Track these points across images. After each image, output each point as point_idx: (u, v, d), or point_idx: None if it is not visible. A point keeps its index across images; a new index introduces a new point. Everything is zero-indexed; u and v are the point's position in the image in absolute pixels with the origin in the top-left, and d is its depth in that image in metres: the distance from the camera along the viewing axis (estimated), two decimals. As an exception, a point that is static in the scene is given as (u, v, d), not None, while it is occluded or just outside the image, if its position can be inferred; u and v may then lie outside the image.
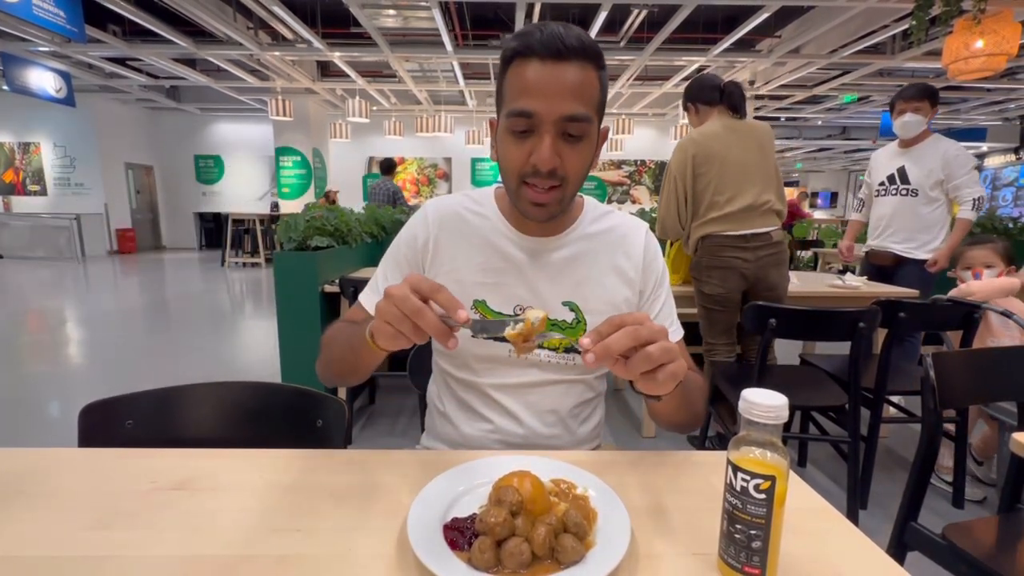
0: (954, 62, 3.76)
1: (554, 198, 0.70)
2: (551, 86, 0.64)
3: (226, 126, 11.38)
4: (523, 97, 0.65)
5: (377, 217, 3.05)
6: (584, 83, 0.65)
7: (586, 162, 0.70)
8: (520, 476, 0.52)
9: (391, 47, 6.24)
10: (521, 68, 0.65)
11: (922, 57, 6.09)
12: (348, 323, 0.82)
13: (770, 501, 0.42)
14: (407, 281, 0.52)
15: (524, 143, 0.67)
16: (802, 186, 16.55)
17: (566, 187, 0.70)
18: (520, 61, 0.65)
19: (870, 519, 1.71)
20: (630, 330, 0.50)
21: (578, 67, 0.64)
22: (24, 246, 9.21)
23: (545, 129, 0.66)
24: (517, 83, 0.66)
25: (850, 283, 2.26)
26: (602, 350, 0.50)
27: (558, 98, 0.64)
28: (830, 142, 12.50)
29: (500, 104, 0.71)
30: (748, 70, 7.27)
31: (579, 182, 0.72)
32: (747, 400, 0.43)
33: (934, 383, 0.93)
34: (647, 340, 0.50)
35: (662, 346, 0.50)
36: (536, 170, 0.67)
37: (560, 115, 0.65)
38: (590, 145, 0.70)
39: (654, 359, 0.50)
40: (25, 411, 2.61)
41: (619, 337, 0.50)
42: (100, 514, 0.53)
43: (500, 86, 0.70)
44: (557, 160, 0.67)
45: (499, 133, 0.72)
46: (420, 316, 0.51)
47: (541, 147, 0.66)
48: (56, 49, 6.29)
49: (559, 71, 0.64)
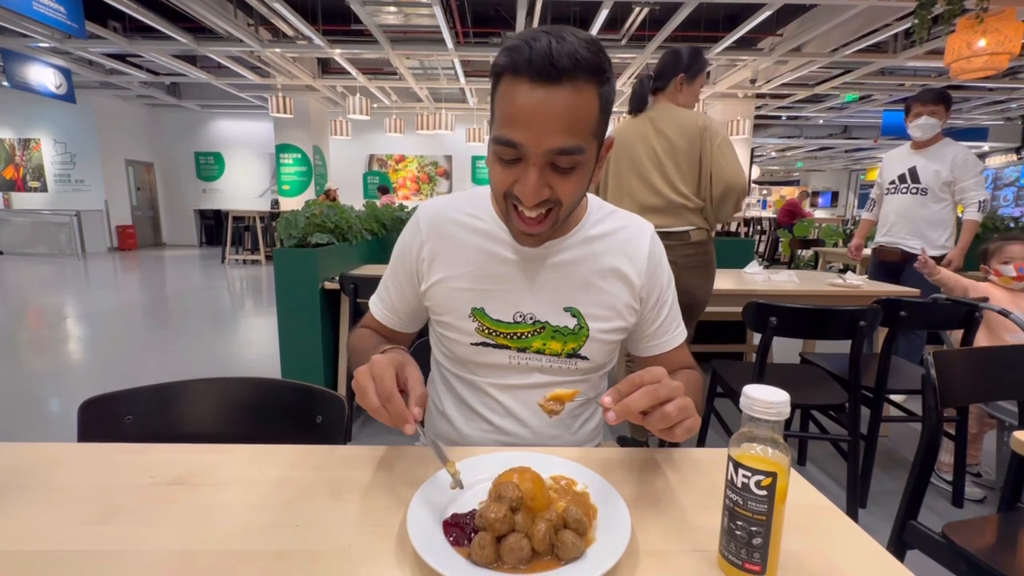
0: (956, 61, 3.75)
1: (546, 226, 0.67)
2: (539, 116, 0.58)
3: (226, 123, 11.37)
4: (509, 125, 0.59)
5: (377, 214, 3.05)
6: (579, 109, 0.58)
7: (581, 188, 0.66)
8: (520, 472, 0.52)
9: (392, 44, 6.23)
10: (510, 89, 0.59)
11: (924, 56, 6.07)
12: (369, 332, 0.83)
13: (771, 498, 0.42)
14: (365, 374, 0.57)
15: (510, 170, 0.63)
16: (803, 185, 16.55)
17: (559, 210, 0.66)
18: (509, 79, 0.59)
19: (869, 517, 1.71)
20: (649, 390, 0.52)
21: (571, 90, 0.57)
22: (24, 242, 9.20)
23: (532, 161, 0.60)
24: (505, 106, 0.60)
25: (851, 282, 2.25)
26: (622, 409, 0.52)
27: (546, 130, 0.58)
28: (831, 141, 12.49)
29: (492, 119, 0.65)
30: (749, 68, 7.25)
31: (575, 204, 0.68)
32: (748, 396, 0.43)
33: (935, 382, 0.93)
34: (665, 399, 0.52)
35: (679, 405, 0.52)
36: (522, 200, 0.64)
37: (548, 148, 0.59)
38: (584, 172, 0.64)
39: (671, 419, 0.52)
40: (25, 406, 2.61)
41: (638, 398, 0.52)
42: (98, 509, 0.53)
43: (492, 101, 0.64)
44: (546, 192, 0.63)
45: (488, 151, 0.66)
46: (378, 415, 0.55)
47: (526, 181, 0.61)
48: (56, 45, 6.28)
49: (549, 97, 0.57)
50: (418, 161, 11.39)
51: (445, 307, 0.77)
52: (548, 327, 0.76)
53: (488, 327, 0.76)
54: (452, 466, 0.55)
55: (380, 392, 0.55)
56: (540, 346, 0.76)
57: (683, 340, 0.83)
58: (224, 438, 0.74)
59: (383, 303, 0.84)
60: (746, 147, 9.26)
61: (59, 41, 6.13)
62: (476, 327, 0.76)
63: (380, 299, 0.85)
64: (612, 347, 0.80)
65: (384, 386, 0.55)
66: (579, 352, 0.77)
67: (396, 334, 0.86)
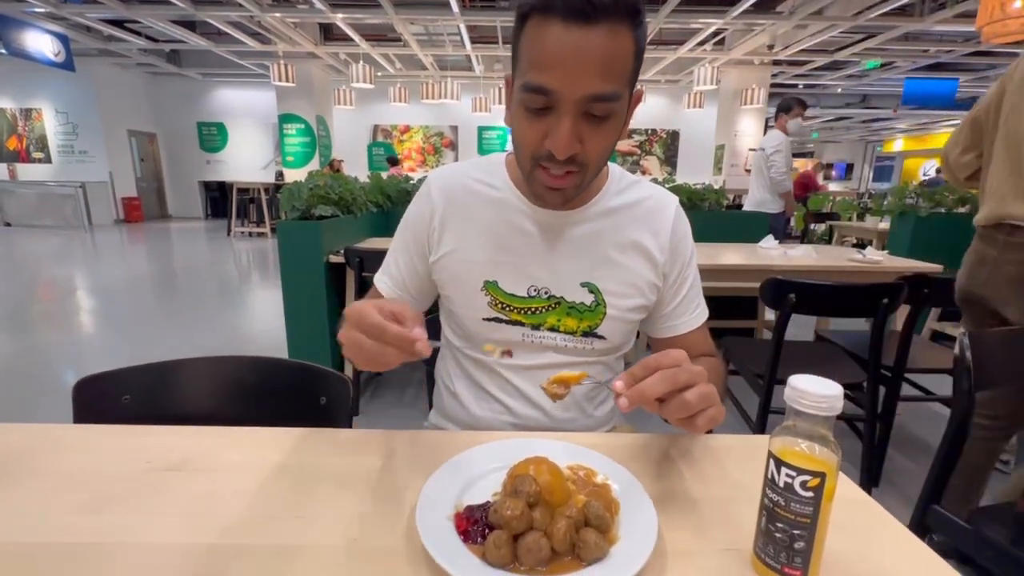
0: (989, 24, 3.55)
1: (572, 183, 0.62)
2: (574, 59, 0.53)
3: (229, 92, 11.16)
4: (540, 69, 0.55)
5: (382, 186, 2.98)
6: (615, 51, 0.54)
7: (611, 143, 0.61)
8: (537, 463, 0.48)
9: (396, 8, 6.00)
10: (540, 30, 0.54)
11: (953, 20, 5.77)
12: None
13: (818, 500, 0.38)
14: (354, 319, 0.49)
15: (540, 121, 0.58)
16: (816, 158, 16.15)
17: (586, 172, 0.62)
18: (538, 20, 0.54)
19: (882, 496, 1.69)
20: (667, 374, 0.46)
21: (608, 30, 0.53)
22: (31, 214, 9.19)
23: (565, 109, 0.56)
24: (534, 50, 0.55)
25: (871, 257, 2.18)
26: (636, 395, 0.46)
27: (582, 73, 0.54)
28: (849, 111, 12.09)
29: (515, 67, 0.60)
30: (767, 33, 6.94)
31: (601, 165, 0.64)
32: (795, 388, 0.39)
33: (970, 364, 0.88)
34: (684, 385, 0.47)
35: (700, 392, 0.47)
36: (551, 155, 0.59)
37: (583, 95, 0.55)
38: (617, 123, 0.60)
39: (691, 407, 0.46)
40: (26, 382, 2.62)
41: (654, 382, 0.46)
42: (91, 497, 0.50)
43: (515, 46, 0.59)
44: (577, 146, 0.58)
45: (513, 104, 0.61)
46: (380, 360, 0.49)
47: (559, 131, 0.57)
48: (52, 10, 6.12)
49: (585, 38, 0.53)
50: (423, 132, 11.18)
51: (456, 280, 0.73)
52: (564, 302, 0.72)
53: (501, 301, 0.72)
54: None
55: (369, 331, 0.48)
56: (555, 322, 0.72)
57: (703, 322, 0.78)
58: (225, 419, 0.70)
59: (391, 279, 0.78)
60: (760, 116, 8.97)
61: (55, 5, 5.96)
62: (488, 301, 0.72)
63: (388, 274, 0.79)
64: (631, 327, 0.75)
65: (371, 323, 0.47)
66: (596, 331, 0.72)
67: None
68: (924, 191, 3.21)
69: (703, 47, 7.68)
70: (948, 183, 2.11)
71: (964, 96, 10.27)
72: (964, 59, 7.98)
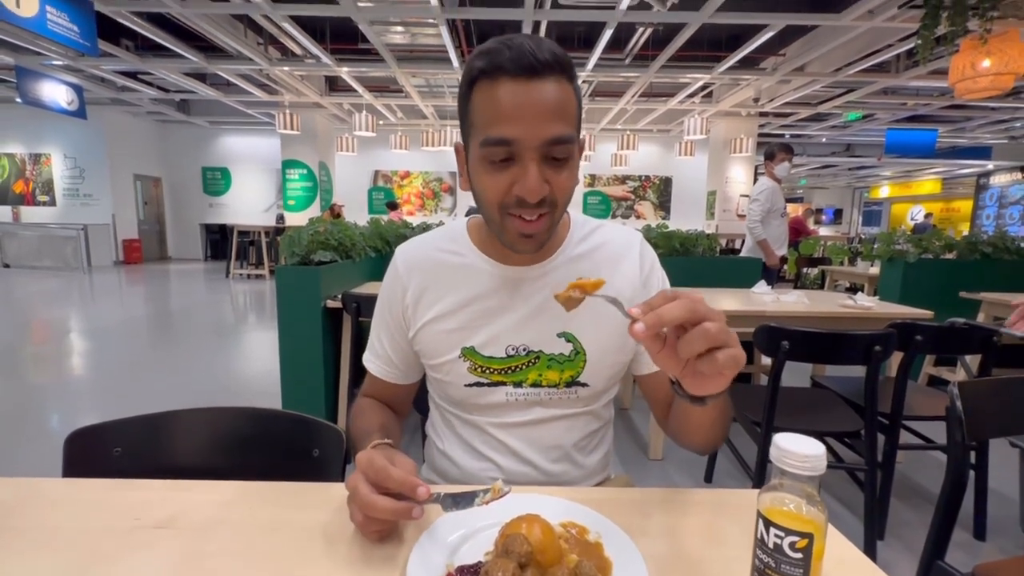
0: (961, 81, 3.75)
1: (544, 226, 0.64)
2: (531, 107, 0.58)
3: (234, 139, 11.51)
4: (499, 123, 0.58)
5: (381, 231, 3.04)
6: (564, 100, 0.59)
7: (572, 184, 0.65)
8: (529, 522, 0.48)
9: (398, 63, 6.30)
10: (492, 90, 0.59)
11: (927, 76, 6.09)
12: (368, 405, 0.78)
13: (807, 560, 0.38)
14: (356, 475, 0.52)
15: (504, 173, 0.61)
16: (807, 203, 16.54)
17: (555, 212, 0.64)
18: (488, 82, 0.59)
19: (888, 550, 1.64)
20: (685, 302, 0.44)
21: (555, 83, 0.59)
22: (30, 256, 9.24)
23: (529, 156, 0.59)
24: (489, 108, 0.59)
25: (862, 303, 2.21)
26: (654, 318, 0.43)
27: (540, 120, 0.58)
28: (834, 159, 12.51)
29: (468, 131, 0.64)
30: (752, 87, 7.30)
31: (567, 205, 0.67)
32: (779, 447, 0.39)
33: (961, 414, 0.89)
34: (704, 317, 0.44)
35: (721, 326, 0.44)
36: (522, 201, 0.61)
37: (544, 139, 0.59)
38: (574, 165, 0.64)
39: (712, 336, 0.43)
40: (16, 429, 2.56)
41: (673, 307, 0.43)
42: (77, 556, 0.49)
43: (465, 111, 0.63)
44: (546, 187, 0.61)
45: (472, 163, 0.64)
46: (372, 509, 0.49)
47: (526, 177, 0.60)
48: (69, 63, 6.39)
49: (537, 89, 0.58)
50: (423, 177, 11.47)
51: (435, 350, 0.74)
52: (543, 356, 0.72)
53: (480, 364, 0.72)
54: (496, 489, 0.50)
55: (373, 477, 0.51)
56: (536, 377, 0.72)
57: None
58: (218, 471, 0.70)
59: (378, 358, 0.79)
60: (749, 164, 9.27)
61: (72, 59, 6.23)
62: (468, 367, 0.72)
63: (374, 354, 0.80)
64: (613, 371, 0.75)
65: (377, 467, 0.51)
66: (578, 379, 0.73)
67: (398, 389, 0.81)
68: (912, 237, 3.28)
69: (692, 99, 8.04)
70: (936, 229, 2.18)
71: (944, 146, 10.66)
72: (941, 111, 8.36)
